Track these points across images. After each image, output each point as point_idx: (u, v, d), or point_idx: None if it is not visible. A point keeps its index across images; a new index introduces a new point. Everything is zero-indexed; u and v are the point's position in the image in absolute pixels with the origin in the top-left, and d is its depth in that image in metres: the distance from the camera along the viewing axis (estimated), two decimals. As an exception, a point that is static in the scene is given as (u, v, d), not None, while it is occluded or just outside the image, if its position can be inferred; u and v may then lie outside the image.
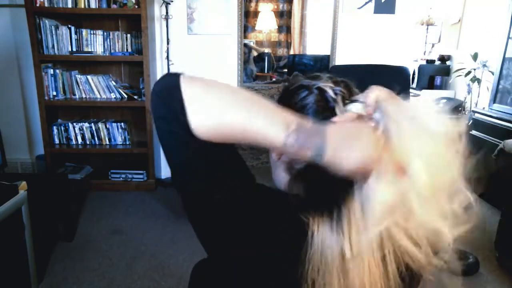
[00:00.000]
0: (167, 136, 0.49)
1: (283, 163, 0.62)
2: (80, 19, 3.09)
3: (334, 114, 0.55)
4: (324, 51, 3.59)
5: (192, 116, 0.45)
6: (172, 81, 0.47)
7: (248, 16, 4.69)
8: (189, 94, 0.46)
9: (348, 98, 0.57)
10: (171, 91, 0.46)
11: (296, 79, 0.63)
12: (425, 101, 0.49)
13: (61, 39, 2.98)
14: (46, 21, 2.92)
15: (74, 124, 3.15)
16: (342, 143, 0.46)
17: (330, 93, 0.57)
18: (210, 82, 0.48)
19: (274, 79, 4.18)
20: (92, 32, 3.03)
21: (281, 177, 0.63)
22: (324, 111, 0.56)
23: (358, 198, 0.48)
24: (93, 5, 2.89)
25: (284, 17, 4.84)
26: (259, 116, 0.46)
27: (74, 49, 3.01)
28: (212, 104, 0.46)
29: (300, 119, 0.47)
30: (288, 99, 0.60)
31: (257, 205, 0.52)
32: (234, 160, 0.52)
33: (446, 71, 3.35)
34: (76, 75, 3.11)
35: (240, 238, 0.51)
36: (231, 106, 0.46)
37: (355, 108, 0.52)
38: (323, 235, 0.49)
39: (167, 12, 3.04)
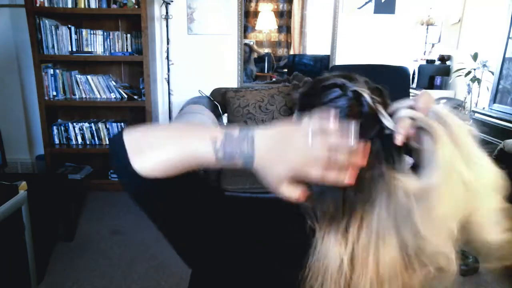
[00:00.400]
0: (125, 185, 0.54)
1: None
2: (80, 19, 3.09)
3: (368, 121, 0.49)
4: (324, 51, 3.59)
5: (134, 163, 0.49)
6: (117, 136, 0.51)
7: (248, 16, 4.68)
8: (130, 143, 0.50)
9: (384, 107, 0.51)
10: (117, 147, 0.50)
11: (328, 76, 0.57)
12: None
13: (61, 39, 2.98)
14: (46, 21, 2.92)
15: (74, 124, 3.15)
16: (273, 147, 0.46)
17: (368, 99, 0.51)
18: (149, 127, 0.52)
19: (274, 79, 4.18)
20: (92, 32, 3.03)
21: None
22: (355, 117, 0.50)
23: (369, 209, 0.48)
24: (93, 5, 2.89)
25: (284, 17, 4.83)
26: (189, 141, 0.48)
27: (74, 49, 3.01)
28: (148, 145, 0.50)
29: (227, 130, 0.48)
30: (315, 97, 0.54)
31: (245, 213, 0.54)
32: (194, 180, 0.55)
33: (446, 71, 3.34)
34: (76, 75, 3.11)
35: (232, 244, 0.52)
36: (164, 141, 0.49)
37: (405, 113, 0.47)
38: (327, 244, 0.49)
39: (167, 12, 3.04)
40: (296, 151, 0.44)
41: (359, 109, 0.50)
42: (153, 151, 0.49)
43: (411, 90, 3.36)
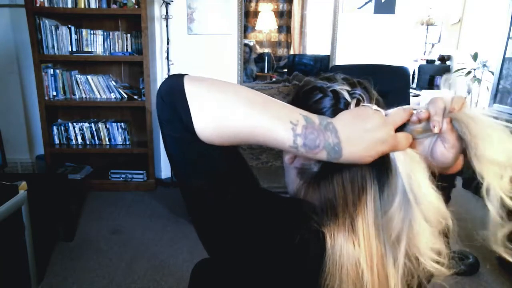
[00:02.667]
0: (171, 139, 0.48)
1: (295, 168, 0.59)
2: (80, 19, 3.09)
3: None
4: (324, 51, 3.59)
5: (196, 119, 0.44)
6: (176, 82, 0.46)
7: (248, 16, 4.68)
8: (193, 96, 0.44)
9: (364, 101, 0.53)
10: (176, 94, 0.45)
11: (308, 81, 0.59)
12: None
13: (61, 39, 2.98)
14: (46, 21, 2.92)
15: (74, 124, 3.15)
16: (357, 136, 0.44)
17: (346, 96, 0.53)
18: (215, 82, 0.46)
19: (274, 79, 4.18)
20: (92, 32, 3.03)
21: (293, 182, 0.60)
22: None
23: (376, 207, 0.48)
24: (93, 5, 2.89)
25: (284, 17, 4.84)
26: (265, 116, 0.44)
27: (74, 49, 3.01)
28: (217, 106, 0.44)
29: (305, 113, 0.46)
30: (301, 102, 0.55)
31: (263, 208, 0.50)
32: (239, 162, 0.51)
33: (446, 71, 3.34)
34: (76, 75, 3.11)
35: (244, 240, 0.49)
36: (236, 107, 0.44)
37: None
38: (339, 243, 0.48)
39: (167, 12, 3.04)
40: (379, 132, 0.44)
41: (342, 108, 0.52)
42: (221, 115, 0.44)
43: (411, 90, 3.36)
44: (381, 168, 0.48)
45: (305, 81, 0.59)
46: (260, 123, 0.44)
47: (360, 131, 0.44)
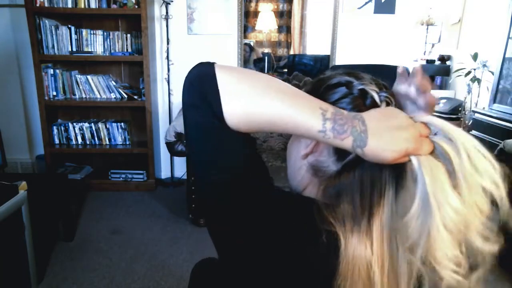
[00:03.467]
0: (196, 124, 0.48)
1: (308, 164, 0.57)
2: (80, 19, 3.09)
3: None
4: (324, 51, 3.59)
5: (225, 104, 0.45)
6: (207, 69, 0.47)
7: (248, 16, 4.68)
8: (224, 82, 0.45)
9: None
10: (206, 79, 0.46)
11: (331, 74, 0.56)
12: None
13: (61, 39, 2.98)
14: (46, 21, 2.92)
15: (74, 124, 3.15)
16: (384, 130, 0.44)
17: (376, 97, 0.51)
18: (244, 71, 0.48)
19: (274, 79, 4.19)
20: (92, 32, 3.03)
21: (300, 176, 0.59)
22: None
23: (392, 211, 0.47)
24: (93, 5, 2.89)
25: (284, 17, 4.84)
26: (293, 104, 0.45)
27: (74, 49, 3.01)
28: (246, 93, 0.45)
29: (335, 106, 0.46)
30: (319, 96, 0.51)
31: (280, 206, 0.50)
32: (257, 158, 0.51)
33: (446, 71, 3.34)
34: (76, 75, 3.11)
35: (259, 238, 0.48)
36: (264, 94, 0.45)
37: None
38: (352, 245, 0.48)
39: (167, 12, 3.04)
40: (405, 130, 0.44)
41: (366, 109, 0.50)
42: (251, 102, 0.45)
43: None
44: (400, 172, 0.47)
45: (327, 75, 0.57)
46: (290, 109, 0.44)
47: (387, 126, 0.44)
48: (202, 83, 0.47)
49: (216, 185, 0.48)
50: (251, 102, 0.45)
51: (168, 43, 3.11)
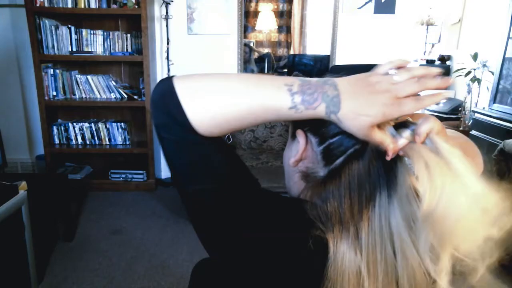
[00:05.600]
0: (169, 143, 0.47)
1: (299, 172, 0.57)
2: (80, 19, 3.09)
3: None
4: (324, 51, 3.59)
5: (190, 114, 0.43)
6: (165, 84, 0.45)
7: (248, 16, 4.69)
8: (183, 92, 0.44)
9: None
10: (167, 94, 0.44)
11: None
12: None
13: (61, 39, 2.98)
14: (46, 21, 2.92)
15: (74, 124, 3.15)
16: (358, 94, 0.41)
17: None
18: (204, 75, 0.46)
19: (274, 79, 4.19)
20: (92, 32, 3.03)
21: (296, 185, 0.58)
22: None
23: (383, 215, 0.46)
24: (93, 5, 2.89)
25: (284, 17, 4.84)
26: (259, 89, 0.43)
27: (74, 49, 3.01)
28: (209, 94, 0.44)
29: (302, 78, 0.44)
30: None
31: (267, 210, 0.49)
32: (239, 164, 0.50)
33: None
34: (76, 75, 3.11)
35: (247, 243, 0.48)
36: (227, 90, 0.44)
37: (404, 134, 0.44)
38: (341, 251, 0.47)
39: (167, 12, 3.04)
40: (384, 90, 0.41)
41: None
42: (215, 101, 0.43)
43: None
44: (391, 174, 0.46)
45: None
46: (255, 96, 0.43)
47: (361, 90, 0.42)
48: (163, 99, 0.45)
49: (202, 196, 0.48)
50: (214, 102, 0.43)
51: (168, 43, 3.11)
